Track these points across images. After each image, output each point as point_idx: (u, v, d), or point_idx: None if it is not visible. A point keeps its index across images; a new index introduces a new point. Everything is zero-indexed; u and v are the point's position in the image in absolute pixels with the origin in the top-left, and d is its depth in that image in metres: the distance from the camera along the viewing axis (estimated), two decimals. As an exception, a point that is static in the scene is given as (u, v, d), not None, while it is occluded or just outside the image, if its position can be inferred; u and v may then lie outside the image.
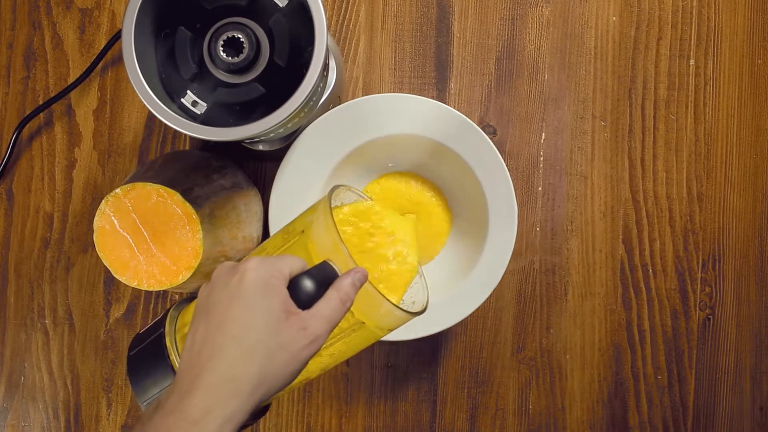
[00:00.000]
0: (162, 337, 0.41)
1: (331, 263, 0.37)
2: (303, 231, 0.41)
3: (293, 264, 0.36)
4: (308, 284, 0.36)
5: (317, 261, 0.38)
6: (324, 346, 0.39)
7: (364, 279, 0.37)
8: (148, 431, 0.32)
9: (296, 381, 0.41)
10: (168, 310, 0.43)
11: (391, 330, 0.41)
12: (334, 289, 0.36)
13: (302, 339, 0.34)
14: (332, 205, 0.40)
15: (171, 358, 0.40)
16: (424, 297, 0.46)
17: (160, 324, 0.42)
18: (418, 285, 0.49)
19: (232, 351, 0.33)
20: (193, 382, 0.33)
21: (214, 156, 0.56)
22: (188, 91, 0.46)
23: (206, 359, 0.33)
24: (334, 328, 0.36)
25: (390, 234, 0.50)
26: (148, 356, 0.41)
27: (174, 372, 0.40)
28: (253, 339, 0.33)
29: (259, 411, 0.42)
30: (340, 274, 0.37)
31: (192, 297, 0.45)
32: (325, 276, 0.37)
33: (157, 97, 0.43)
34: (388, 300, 0.38)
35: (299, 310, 0.35)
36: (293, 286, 0.36)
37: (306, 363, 0.35)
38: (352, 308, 0.37)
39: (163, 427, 0.32)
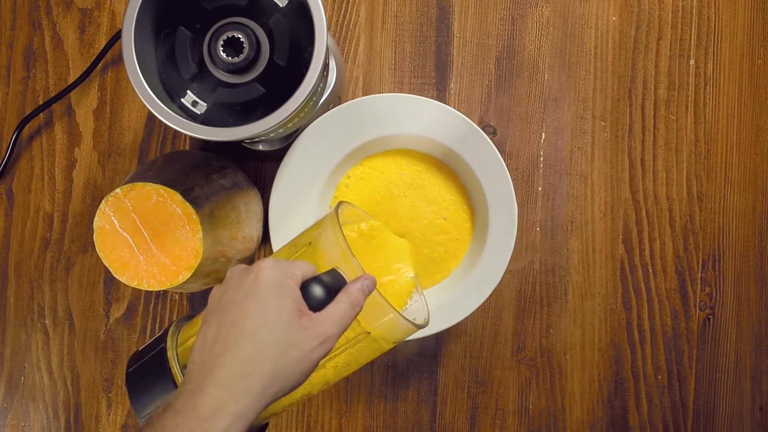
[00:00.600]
0: (164, 351, 0.41)
1: (339, 271, 0.38)
2: (310, 243, 0.41)
3: (305, 268, 0.37)
4: (318, 289, 0.37)
5: (325, 270, 0.38)
6: (328, 357, 0.39)
7: (373, 286, 0.38)
8: (158, 430, 0.32)
9: (298, 394, 0.41)
10: (168, 327, 0.43)
11: (395, 343, 0.42)
12: (344, 293, 0.37)
13: (314, 339, 0.35)
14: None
15: (173, 371, 0.40)
16: (424, 313, 0.47)
17: (161, 340, 0.42)
18: (419, 302, 0.50)
19: (245, 348, 0.33)
20: (204, 378, 0.33)
21: (214, 156, 0.56)
22: (188, 91, 0.46)
23: (218, 355, 0.33)
24: (344, 331, 0.36)
25: (388, 251, 0.51)
26: (149, 371, 0.41)
27: (176, 386, 0.40)
28: (266, 336, 0.34)
29: (257, 430, 0.42)
30: (348, 281, 0.38)
31: (191, 315, 0.45)
32: (334, 282, 0.37)
33: (157, 97, 0.43)
34: (394, 308, 0.38)
35: (311, 312, 0.36)
36: (304, 289, 0.36)
37: (316, 364, 0.35)
38: (358, 317, 0.37)
39: (172, 425, 0.31)
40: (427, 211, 0.58)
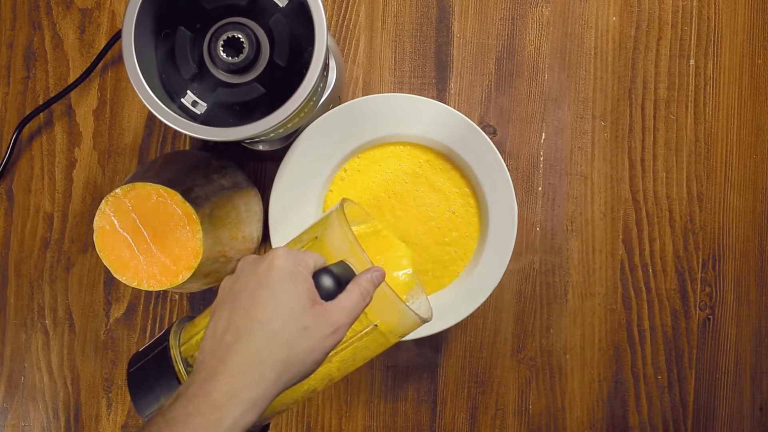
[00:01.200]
0: (167, 349, 0.41)
1: (348, 263, 0.39)
2: (317, 237, 0.42)
3: (316, 258, 0.38)
4: (328, 279, 0.37)
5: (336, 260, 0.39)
6: (335, 350, 0.39)
7: (382, 277, 0.38)
8: (169, 420, 0.31)
9: (302, 389, 0.41)
10: (169, 327, 0.43)
11: (400, 336, 0.42)
12: (354, 283, 0.37)
13: (326, 327, 0.35)
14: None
15: (177, 369, 0.40)
16: (427, 309, 0.48)
17: (163, 339, 0.42)
18: (420, 299, 0.50)
19: (258, 335, 0.33)
20: (216, 366, 0.33)
21: (214, 156, 0.56)
22: (188, 91, 0.46)
23: (231, 343, 0.33)
24: (354, 321, 0.37)
25: (388, 251, 0.51)
26: (152, 370, 0.40)
27: (180, 384, 0.39)
28: (279, 324, 0.34)
29: (259, 430, 0.42)
30: (357, 273, 0.38)
31: (191, 316, 0.45)
32: (344, 273, 0.38)
33: (157, 97, 0.43)
34: (402, 300, 0.39)
35: (323, 301, 0.36)
36: (314, 280, 0.37)
37: (328, 353, 0.36)
38: (365, 309, 0.38)
39: (184, 414, 0.31)
40: (434, 198, 0.57)
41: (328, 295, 0.37)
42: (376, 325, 0.40)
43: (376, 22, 0.62)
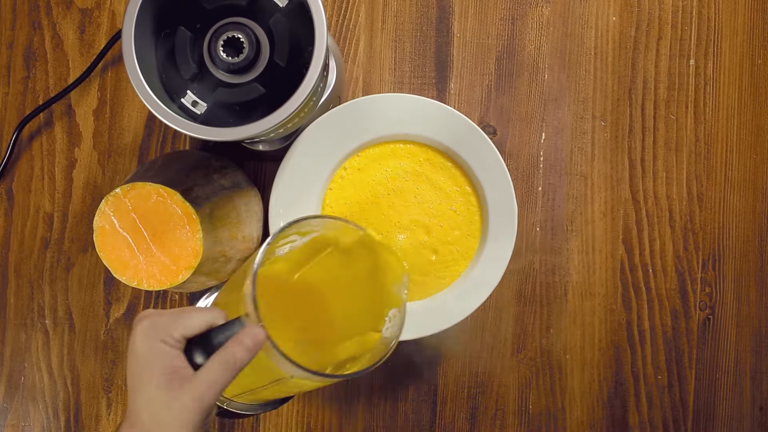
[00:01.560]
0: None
1: (244, 319, 0.37)
2: (245, 272, 0.40)
3: (192, 322, 0.37)
4: (216, 340, 0.36)
5: (242, 312, 0.37)
6: (253, 390, 0.40)
7: (259, 340, 0.36)
8: None
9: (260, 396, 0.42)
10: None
11: (332, 381, 0.40)
12: (221, 351, 0.36)
13: (188, 402, 0.35)
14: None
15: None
16: (393, 337, 0.43)
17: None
18: (395, 323, 0.45)
19: (131, 400, 0.36)
20: (127, 415, 0.37)
21: (214, 156, 0.56)
22: (188, 91, 0.46)
23: (130, 399, 0.37)
24: (223, 389, 0.36)
25: (380, 264, 0.47)
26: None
27: None
28: (139, 397, 0.36)
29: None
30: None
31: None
32: (231, 333, 0.36)
33: (157, 97, 0.43)
34: (293, 362, 0.36)
35: (186, 373, 0.35)
36: (201, 341, 0.36)
37: (202, 421, 0.35)
38: (273, 363, 0.37)
39: None
40: (435, 196, 0.57)
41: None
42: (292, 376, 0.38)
43: (376, 22, 0.62)
